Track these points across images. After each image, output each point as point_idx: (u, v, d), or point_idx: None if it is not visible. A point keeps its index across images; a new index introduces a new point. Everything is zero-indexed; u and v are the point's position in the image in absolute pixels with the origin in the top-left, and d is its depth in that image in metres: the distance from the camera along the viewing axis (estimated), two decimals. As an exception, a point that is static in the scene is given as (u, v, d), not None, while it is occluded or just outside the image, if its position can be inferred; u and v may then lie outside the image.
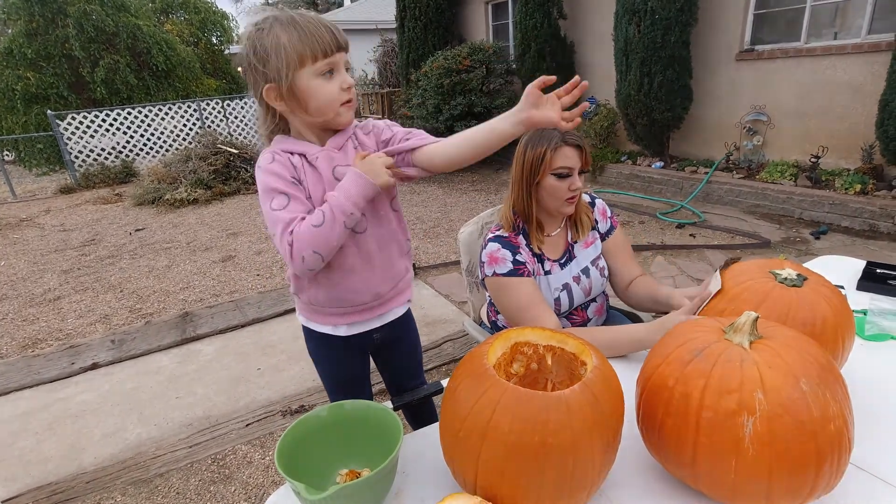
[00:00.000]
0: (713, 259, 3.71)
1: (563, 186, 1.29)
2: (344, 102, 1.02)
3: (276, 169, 1.01)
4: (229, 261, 4.41)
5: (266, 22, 0.96)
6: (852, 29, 4.41)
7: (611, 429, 0.74)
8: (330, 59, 0.97)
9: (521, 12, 6.41)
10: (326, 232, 0.95)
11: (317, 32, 0.95)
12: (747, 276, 1.02)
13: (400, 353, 1.40)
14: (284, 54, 0.94)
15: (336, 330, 1.20)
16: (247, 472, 1.98)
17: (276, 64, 0.95)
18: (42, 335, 3.30)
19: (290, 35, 0.94)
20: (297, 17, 0.95)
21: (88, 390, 2.63)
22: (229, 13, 16.44)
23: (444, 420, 0.78)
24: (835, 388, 0.71)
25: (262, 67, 0.97)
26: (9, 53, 10.47)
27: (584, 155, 1.30)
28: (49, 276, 4.40)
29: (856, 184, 4.15)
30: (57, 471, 2.07)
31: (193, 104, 9.31)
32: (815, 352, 0.74)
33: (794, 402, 0.68)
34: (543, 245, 1.39)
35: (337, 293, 1.14)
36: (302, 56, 0.94)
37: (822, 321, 0.91)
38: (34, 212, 7.07)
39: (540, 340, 0.86)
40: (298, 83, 0.97)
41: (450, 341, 2.78)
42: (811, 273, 1.00)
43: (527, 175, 1.32)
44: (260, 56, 0.96)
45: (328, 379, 1.35)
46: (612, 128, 6.21)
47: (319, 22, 0.97)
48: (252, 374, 2.65)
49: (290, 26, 0.94)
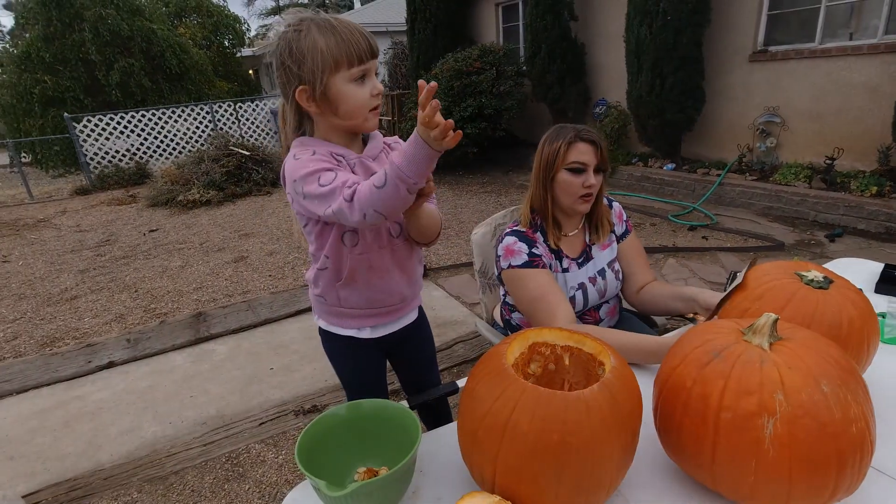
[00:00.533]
0: (726, 262, 3.68)
1: (576, 182, 1.29)
2: (372, 108, 1.04)
3: (319, 157, 0.99)
4: (241, 261, 4.45)
5: (304, 24, 0.97)
6: (868, 29, 4.36)
7: (629, 429, 0.74)
8: (364, 65, 0.98)
9: (531, 14, 6.41)
10: (390, 193, 0.88)
11: (353, 38, 0.96)
12: (772, 276, 1.01)
13: (415, 351, 1.42)
14: (321, 58, 0.95)
15: (360, 332, 1.22)
16: (260, 471, 2.00)
17: (312, 66, 0.96)
18: (59, 334, 3.35)
19: (328, 39, 0.95)
20: (334, 22, 0.97)
21: (104, 388, 2.67)
22: (241, 16, 16.63)
23: (462, 419, 0.79)
24: (856, 389, 0.71)
25: (297, 69, 0.98)
26: (27, 57, 10.69)
27: (599, 151, 1.30)
28: (66, 276, 4.47)
29: (872, 186, 4.10)
30: (74, 467, 2.11)
31: (206, 106, 9.42)
32: (835, 353, 0.74)
33: (815, 404, 0.68)
34: (561, 243, 1.40)
35: (371, 294, 1.17)
36: (338, 61, 0.96)
37: (849, 324, 0.90)
38: (51, 213, 7.19)
39: (558, 341, 0.86)
40: (331, 87, 0.98)
41: (461, 342, 2.78)
42: (837, 276, 0.99)
43: (543, 170, 1.33)
44: (295, 57, 0.97)
45: (349, 382, 1.35)
46: (624, 129, 6.18)
47: (356, 28, 0.98)
48: (265, 374, 2.67)
49: (328, 31, 0.96)
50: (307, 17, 0.99)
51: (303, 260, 4.34)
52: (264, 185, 7.28)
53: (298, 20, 0.98)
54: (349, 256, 1.11)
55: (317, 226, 1.09)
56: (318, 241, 1.12)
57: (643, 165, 5.88)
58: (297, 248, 4.66)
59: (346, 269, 1.13)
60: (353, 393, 1.37)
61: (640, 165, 5.91)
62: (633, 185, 5.79)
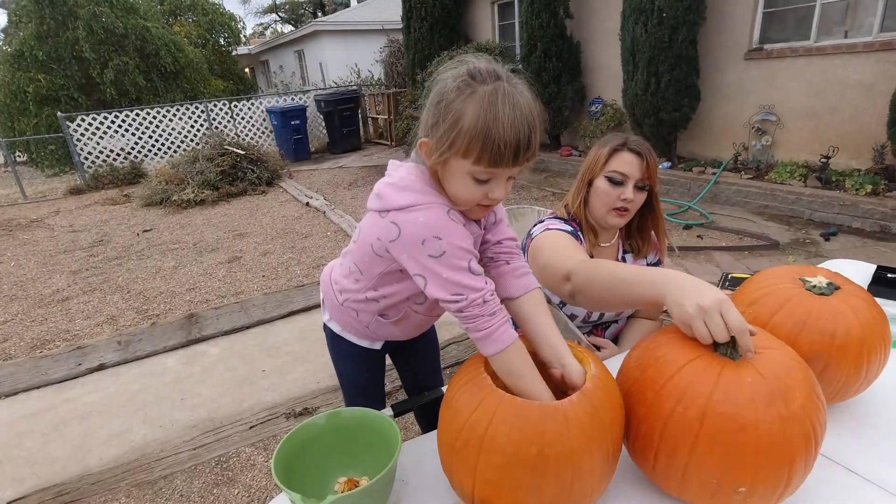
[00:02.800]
0: (721, 261, 3.67)
1: (613, 193, 1.24)
2: (482, 205, 0.88)
3: (463, 233, 0.86)
4: (235, 262, 4.43)
5: (471, 86, 0.79)
6: (863, 27, 4.35)
7: (610, 439, 0.72)
8: (494, 170, 0.81)
9: (527, 12, 6.39)
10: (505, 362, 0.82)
11: (506, 139, 0.77)
12: (773, 281, 0.99)
13: (421, 355, 1.40)
14: (455, 134, 0.79)
15: (373, 345, 1.20)
16: (250, 475, 1.98)
17: (443, 134, 0.80)
18: (50, 336, 3.33)
19: (477, 123, 0.77)
20: (501, 108, 0.76)
21: (95, 391, 2.65)
22: (237, 14, 16.56)
23: (441, 430, 0.77)
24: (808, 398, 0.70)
25: (430, 121, 0.83)
26: (20, 56, 10.61)
27: (645, 166, 1.22)
28: (58, 276, 4.44)
29: (867, 184, 4.10)
30: (63, 471, 2.09)
31: (201, 105, 9.37)
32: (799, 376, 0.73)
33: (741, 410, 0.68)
34: (595, 250, 1.36)
35: (396, 329, 1.14)
36: (467, 151, 0.79)
37: (845, 333, 0.87)
38: (44, 213, 7.14)
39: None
40: (451, 163, 0.83)
41: (455, 343, 2.77)
42: (850, 284, 0.95)
43: (586, 173, 1.30)
44: (438, 110, 0.81)
45: (352, 385, 1.33)
46: (619, 128, 6.17)
47: (521, 127, 0.78)
48: (257, 376, 2.65)
49: (488, 112, 0.77)
50: (482, 78, 0.79)
51: (297, 260, 4.32)
52: (259, 184, 7.24)
53: (471, 75, 0.80)
54: (409, 309, 1.06)
55: (396, 273, 0.97)
56: (380, 281, 1.00)
57: (639, 164, 5.87)
58: (292, 249, 4.64)
59: (398, 315, 1.08)
60: (352, 395, 1.36)
61: (636, 164, 5.89)
62: (629, 183, 5.78)
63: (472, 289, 0.82)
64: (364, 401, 1.18)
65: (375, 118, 10.69)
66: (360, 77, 12.19)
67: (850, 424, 0.94)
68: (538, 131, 0.81)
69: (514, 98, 0.78)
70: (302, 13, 27.47)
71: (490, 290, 0.84)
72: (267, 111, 9.72)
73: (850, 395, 0.93)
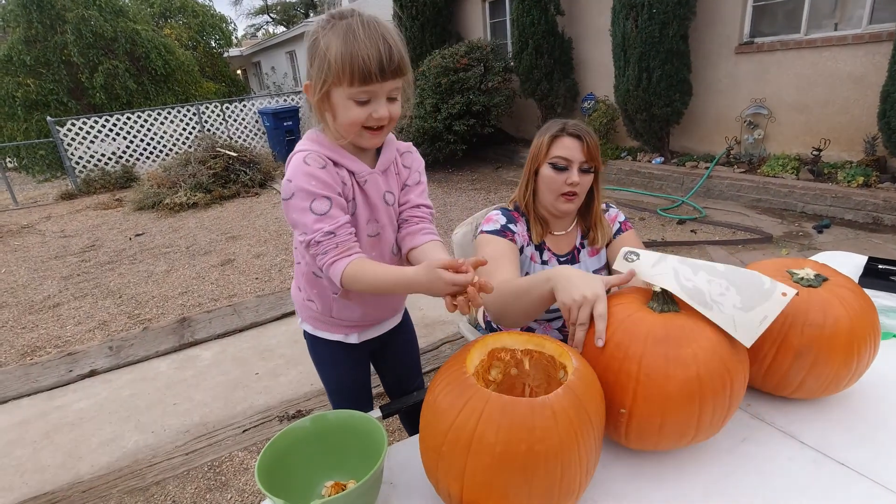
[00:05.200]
0: (715, 255, 3.67)
1: (559, 179, 1.24)
2: (371, 128, 0.96)
3: (325, 178, 0.96)
4: (228, 264, 4.40)
5: (332, 22, 0.92)
6: (853, 19, 4.36)
7: (595, 429, 0.72)
8: (368, 87, 0.91)
9: (517, 9, 6.37)
10: (369, 282, 0.94)
11: (367, 54, 0.88)
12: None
13: (400, 354, 1.40)
14: (326, 66, 0.90)
15: (347, 338, 1.21)
16: (243, 479, 1.96)
17: (317, 70, 0.92)
18: (41, 342, 3.29)
19: (340, 49, 0.88)
20: (359, 31, 0.89)
21: (86, 398, 2.62)
22: (228, 16, 16.47)
23: (424, 434, 0.76)
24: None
25: (309, 65, 0.95)
26: (8, 60, 10.51)
27: (586, 148, 1.23)
28: (49, 282, 4.40)
29: (858, 176, 4.11)
30: (54, 480, 2.06)
31: (192, 108, 9.31)
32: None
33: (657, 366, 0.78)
34: (546, 239, 1.35)
35: (366, 309, 1.17)
36: (339, 76, 0.90)
37: (834, 323, 0.86)
38: (35, 218, 7.08)
39: (517, 345, 0.84)
40: (331, 96, 0.94)
41: (448, 343, 2.75)
42: (836, 274, 0.95)
43: (531, 163, 1.30)
44: (311, 53, 0.94)
45: (333, 385, 1.33)
46: (612, 124, 6.17)
47: (381, 42, 0.89)
48: (250, 379, 2.63)
49: (347, 37, 0.89)
50: (341, 15, 0.92)
51: (291, 262, 4.29)
52: (252, 186, 7.20)
53: (331, 15, 0.93)
54: None
55: None
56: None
57: (632, 160, 5.87)
58: (286, 250, 4.61)
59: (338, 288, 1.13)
60: (338, 399, 1.34)
61: (629, 160, 5.90)
62: (623, 179, 5.78)
63: (309, 229, 0.94)
64: (350, 405, 1.17)
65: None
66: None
67: (842, 417, 0.93)
68: (401, 49, 0.91)
69: (370, 22, 0.90)
70: (293, 14, 27.36)
71: (320, 233, 0.94)
72: (259, 112, 9.67)
73: (841, 388, 0.92)
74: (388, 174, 1.08)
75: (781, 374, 0.91)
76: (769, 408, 0.96)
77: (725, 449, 0.87)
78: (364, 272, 0.94)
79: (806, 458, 0.84)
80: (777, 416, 0.94)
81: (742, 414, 0.95)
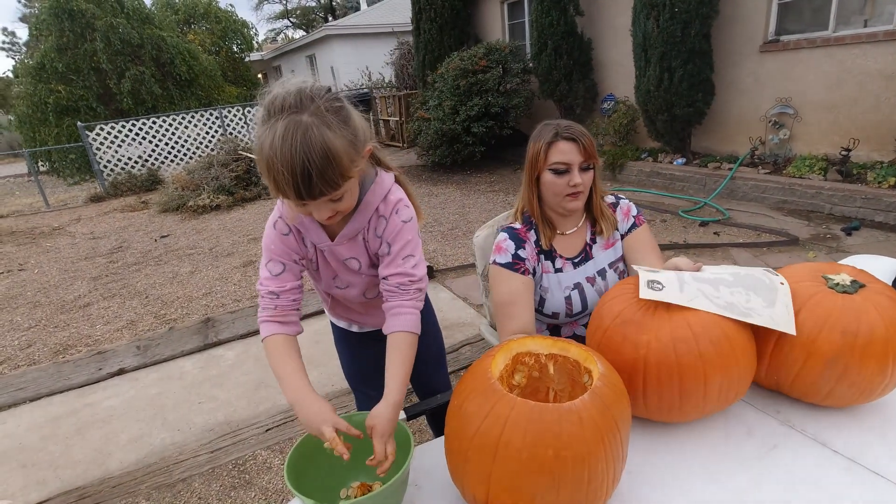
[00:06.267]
0: (739, 258, 3.60)
1: (561, 182, 1.25)
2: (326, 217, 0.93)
3: (283, 245, 1.05)
4: (250, 266, 4.47)
5: (266, 117, 0.85)
6: (883, 15, 4.23)
7: (622, 435, 0.72)
8: (302, 206, 0.88)
9: (536, 10, 6.35)
10: (271, 364, 1.02)
11: (285, 182, 0.81)
12: (795, 278, 0.97)
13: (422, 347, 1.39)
14: (260, 165, 0.85)
15: (350, 327, 1.36)
16: (266, 478, 2.00)
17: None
18: (72, 341, 3.40)
19: (264, 164, 0.83)
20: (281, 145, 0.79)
21: (115, 396, 2.69)
22: (250, 21, 16.75)
23: (449, 439, 0.76)
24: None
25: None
26: (41, 68, 10.87)
27: (582, 149, 1.24)
28: (79, 283, 4.53)
29: (890, 177, 3.98)
30: (85, 475, 2.12)
31: (215, 112, 9.50)
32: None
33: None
34: (555, 241, 1.36)
35: (352, 316, 1.33)
36: (267, 181, 0.86)
37: (869, 331, 0.85)
38: (65, 220, 7.31)
39: (541, 349, 0.84)
40: None
41: (468, 345, 2.76)
42: (876, 281, 0.93)
43: (529, 171, 1.31)
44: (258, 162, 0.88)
45: (348, 370, 1.47)
46: (632, 125, 6.09)
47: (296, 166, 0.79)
48: (272, 379, 2.67)
49: (269, 147, 0.81)
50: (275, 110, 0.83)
51: (311, 263, 4.35)
52: (273, 188, 7.31)
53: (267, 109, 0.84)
54: (333, 293, 1.24)
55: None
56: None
57: (653, 161, 5.79)
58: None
59: (328, 301, 1.29)
60: (352, 381, 1.46)
61: (650, 161, 5.82)
62: (643, 180, 5.71)
63: (261, 282, 1.06)
64: (359, 385, 1.45)
65: (387, 120, 10.72)
66: (370, 80, 12.24)
67: (876, 425, 0.91)
68: (327, 167, 0.81)
69: (300, 135, 0.79)
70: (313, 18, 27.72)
71: (266, 290, 1.04)
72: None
73: (875, 396, 0.90)
74: (354, 242, 1.08)
75: (811, 381, 0.90)
76: (801, 415, 0.94)
77: (755, 457, 0.86)
78: (273, 354, 1.01)
79: (838, 467, 0.82)
80: (808, 424, 0.92)
81: (771, 421, 0.94)
